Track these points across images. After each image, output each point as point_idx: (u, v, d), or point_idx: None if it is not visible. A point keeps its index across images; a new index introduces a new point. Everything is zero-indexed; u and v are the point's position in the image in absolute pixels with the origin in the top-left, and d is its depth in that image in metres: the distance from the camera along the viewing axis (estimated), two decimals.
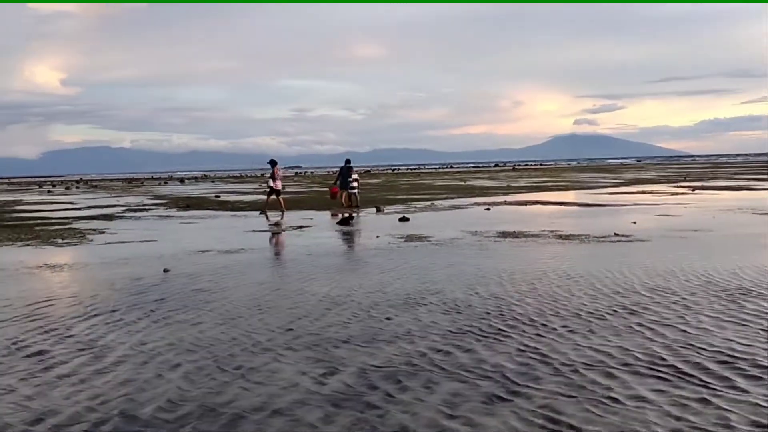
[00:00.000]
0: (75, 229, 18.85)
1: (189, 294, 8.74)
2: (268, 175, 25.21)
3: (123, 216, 24.23)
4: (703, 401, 4.61)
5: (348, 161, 27.29)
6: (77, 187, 69.79)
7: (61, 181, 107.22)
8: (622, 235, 14.06)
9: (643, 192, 32.48)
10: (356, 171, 27.12)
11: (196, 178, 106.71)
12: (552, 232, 15.09)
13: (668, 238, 13.64)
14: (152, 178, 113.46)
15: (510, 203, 26.45)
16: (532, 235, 14.52)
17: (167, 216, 23.90)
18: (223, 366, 5.62)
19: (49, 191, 59.18)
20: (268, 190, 24.84)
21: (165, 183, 79.48)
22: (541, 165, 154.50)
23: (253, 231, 17.61)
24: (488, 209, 23.12)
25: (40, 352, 6.11)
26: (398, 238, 14.72)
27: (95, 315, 7.59)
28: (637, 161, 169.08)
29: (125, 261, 12.14)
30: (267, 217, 21.87)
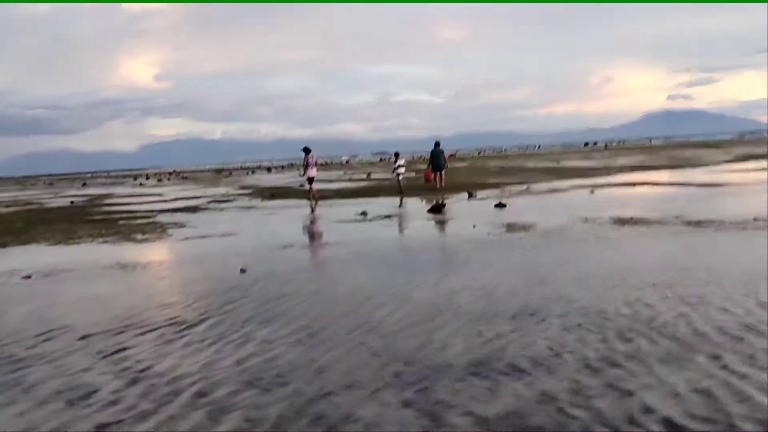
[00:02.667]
0: (157, 223, 18.25)
1: (264, 302, 7.49)
2: (302, 163, 23.36)
3: (207, 208, 23.67)
4: None
5: (437, 144, 26.58)
6: (168, 179, 71.39)
7: (155, 173, 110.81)
8: (764, 221, 11.93)
9: (764, 168, 29.27)
10: (404, 156, 27.46)
11: (282, 166, 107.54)
12: (677, 217, 13.07)
13: None
14: (241, 168, 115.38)
15: (614, 185, 24.22)
16: (655, 222, 12.58)
17: (251, 207, 23.13)
18: (296, 407, 4.29)
19: (141, 183, 60.70)
20: (306, 179, 22.97)
21: (252, 172, 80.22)
22: (634, 144, 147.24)
23: (338, 222, 16.41)
24: (592, 192, 21.06)
25: (77, 379, 4.99)
26: (498, 227, 13.11)
27: (150, 330, 6.45)
28: (741, 136, 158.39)
29: (201, 259, 11.15)
30: (312, 208, 20.62)
